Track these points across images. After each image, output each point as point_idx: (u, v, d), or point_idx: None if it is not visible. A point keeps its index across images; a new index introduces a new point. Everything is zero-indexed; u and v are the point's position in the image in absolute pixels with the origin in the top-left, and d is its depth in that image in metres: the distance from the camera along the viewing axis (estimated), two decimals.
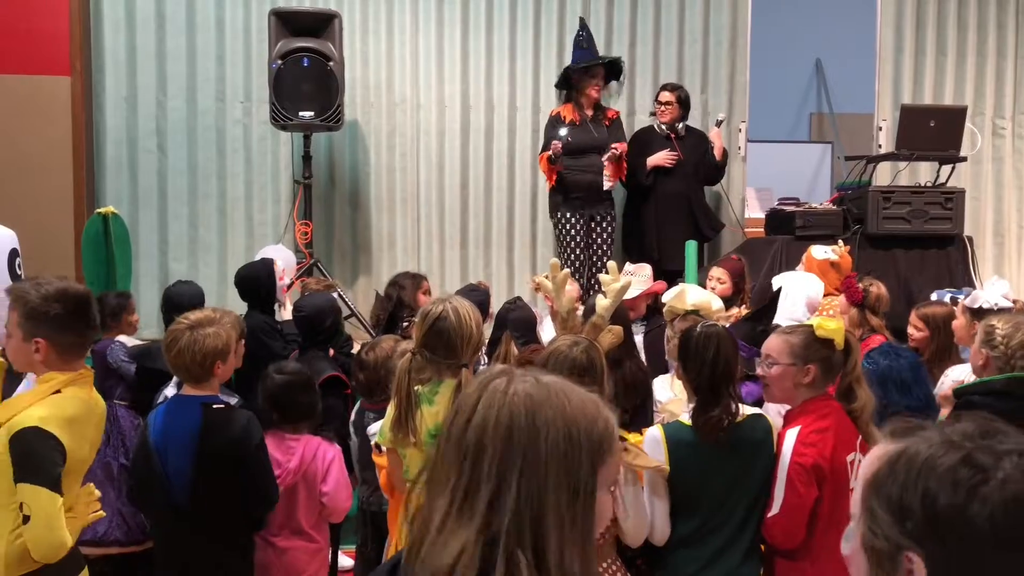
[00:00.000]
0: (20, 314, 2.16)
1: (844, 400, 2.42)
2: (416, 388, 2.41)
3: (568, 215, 5.37)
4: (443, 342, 2.38)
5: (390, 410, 2.45)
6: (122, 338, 4.07)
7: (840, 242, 4.57)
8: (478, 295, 3.99)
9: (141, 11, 5.52)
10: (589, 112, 5.41)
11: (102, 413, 2.31)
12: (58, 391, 2.16)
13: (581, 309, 3.10)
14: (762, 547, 2.49)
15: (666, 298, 3.54)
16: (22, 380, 2.69)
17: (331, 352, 3.71)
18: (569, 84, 5.49)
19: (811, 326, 2.48)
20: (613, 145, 5.23)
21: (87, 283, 4.64)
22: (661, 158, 5.41)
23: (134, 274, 5.02)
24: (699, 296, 3.56)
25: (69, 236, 5.20)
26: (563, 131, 5.27)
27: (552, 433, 1.05)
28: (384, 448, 2.52)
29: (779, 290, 3.67)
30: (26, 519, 2.01)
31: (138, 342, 4.07)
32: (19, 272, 3.32)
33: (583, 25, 5.54)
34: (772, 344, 2.48)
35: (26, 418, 2.08)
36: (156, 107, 5.59)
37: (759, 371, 2.53)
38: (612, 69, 5.55)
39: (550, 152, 5.18)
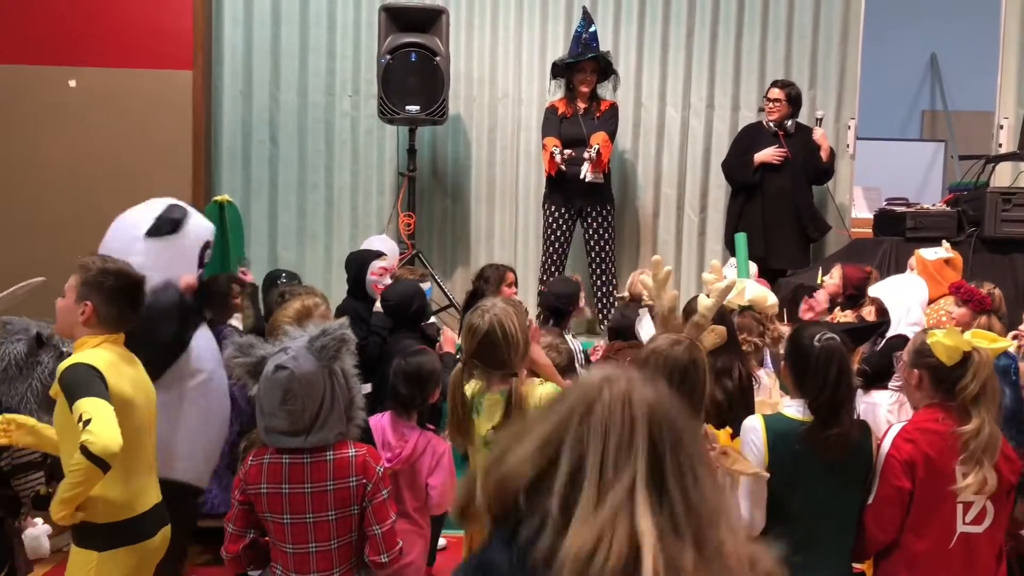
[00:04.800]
0: (80, 279, 2.45)
1: (959, 420, 2.34)
2: (468, 393, 2.52)
3: (554, 207, 5.43)
4: (493, 354, 2.46)
5: (450, 416, 2.57)
6: (236, 320, 4.28)
7: (944, 242, 4.41)
8: (569, 287, 4.02)
9: (258, 7, 5.75)
10: (583, 105, 5.38)
11: (138, 366, 2.53)
12: (93, 348, 2.42)
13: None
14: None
15: None
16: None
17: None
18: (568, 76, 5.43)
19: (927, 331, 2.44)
20: (591, 144, 5.20)
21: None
22: (769, 155, 5.32)
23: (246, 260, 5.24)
24: (756, 292, 3.53)
25: None
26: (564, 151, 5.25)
27: (678, 419, 1.22)
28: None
29: (881, 322, 3.61)
30: (87, 423, 2.23)
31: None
32: (207, 261, 3.52)
33: (585, 17, 5.43)
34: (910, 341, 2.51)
35: (67, 362, 2.37)
36: (269, 100, 5.82)
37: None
38: (608, 63, 5.45)
39: (556, 154, 5.20)
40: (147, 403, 2.53)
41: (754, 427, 2.39)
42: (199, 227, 3.41)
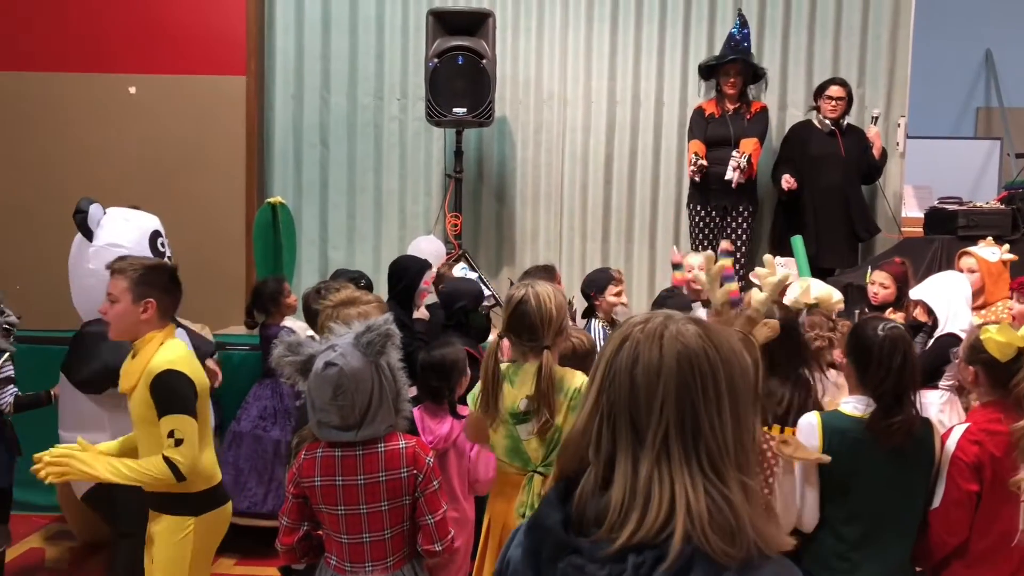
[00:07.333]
0: (130, 280, 2.53)
1: (1013, 414, 2.32)
2: (502, 366, 2.55)
3: (699, 206, 5.44)
4: (525, 325, 2.50)
5: (479, 386, 2.59)
6: (288, 320, 4.39)
7: (991, 240, 4.34)
8: (599, 276, 4.05)
9: (309, 13, 5.87)
10: (731, 107, 5.39)
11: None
12: (161, 343, 2.58)
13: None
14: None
15: (790, 293, 3.51)
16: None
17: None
18: (715, 77, 5.47)
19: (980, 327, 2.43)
20: (735, 153, 5.20)
21: (257, 267, 5.02)
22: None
23: (297, 260, 5.37)
24: (821, 290, 3.55)
25: (241, 223, 5.62)
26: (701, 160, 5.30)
27: (729, 368, 1.12)
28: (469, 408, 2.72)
29: (927, 324, 3.58)
30: (179, 443, 2.45)
31: (301, 323, 4.37)
32: (162, 250, 3.65)
33: (740, 20, 5.46)
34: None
35: (158, 364, 2.49)
36: (320, 103, 5.94)
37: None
38: (752, 65, 5.43)
39: (694, 160, 5.26)
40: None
41: (810, 423, 2.40)
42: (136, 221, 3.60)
